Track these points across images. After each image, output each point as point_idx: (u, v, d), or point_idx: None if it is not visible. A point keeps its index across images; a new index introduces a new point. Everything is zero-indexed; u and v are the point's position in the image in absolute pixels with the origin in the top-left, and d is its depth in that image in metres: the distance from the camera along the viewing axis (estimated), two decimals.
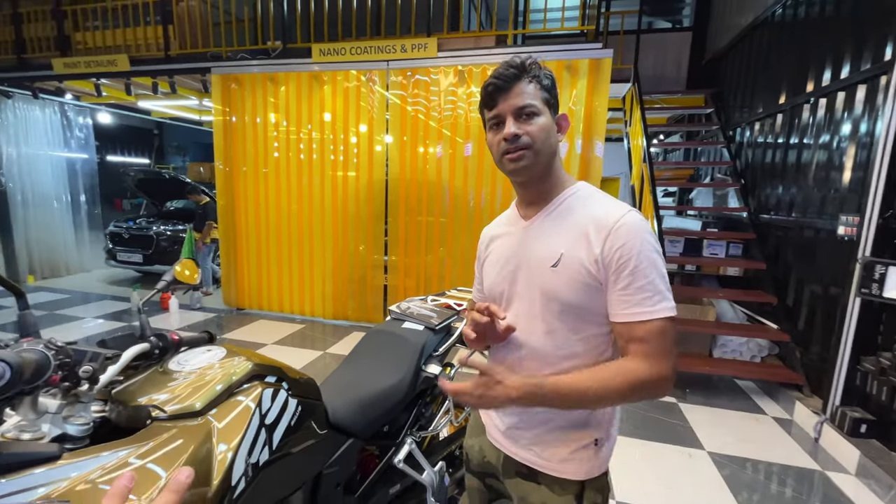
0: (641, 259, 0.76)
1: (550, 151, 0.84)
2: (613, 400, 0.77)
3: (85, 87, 5.69)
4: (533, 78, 0.82)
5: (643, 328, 0.76)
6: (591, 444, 0.87)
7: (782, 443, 2.63)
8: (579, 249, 0.80)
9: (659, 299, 0.76)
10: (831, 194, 2.91)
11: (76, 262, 6.78)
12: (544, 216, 0.88)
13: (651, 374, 0.75)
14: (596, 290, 0.80)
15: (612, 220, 0.79)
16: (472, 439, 1.07)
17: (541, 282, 0.84)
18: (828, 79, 3.03)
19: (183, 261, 1.27)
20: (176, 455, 0.75)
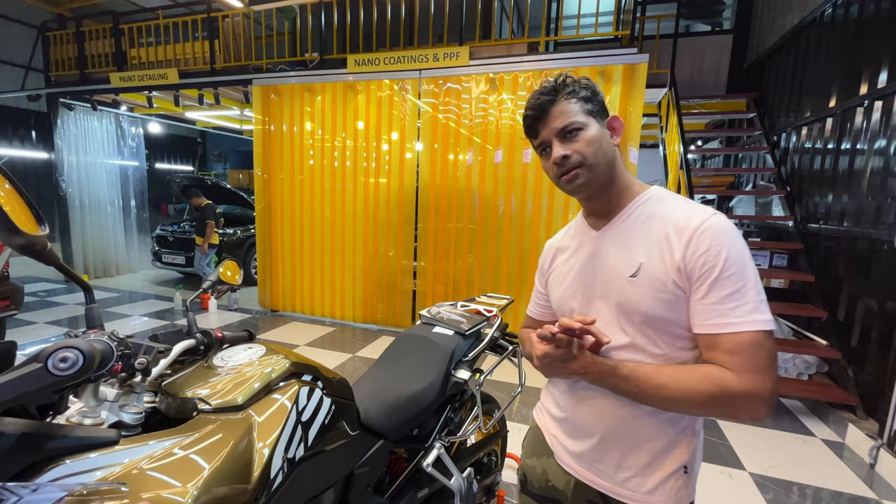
0: (729, 265, 0.69)
1: (606, 161, 0.80)
2: (692, 405, 0.71)
3: (138, 99, 6.08)
4: (569, 95, 0.80)
5: (731, 340, 0.68)
6: (680, 470, 0.80)
7: (833, 467, 2.46)
8: (660, 258, 0.75)
9: (749, 309, 0.69)
10: (888, 203, 2.73)
11: (125, 262, 7.21)
12: (618, 224, 0.84)
13: (742, 389, 0.67)
14: (681, 301, 0.74)
15: (695, 223, 0.73)
16: (533, 460, 1.00)
17: (618, 294, 0.79)
18: (884, 80, 2.85)
19: (227, 262, 1.34)
20: (219, 447, 0.78)
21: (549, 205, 3.93)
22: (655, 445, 0.80)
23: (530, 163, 3.95)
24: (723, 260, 0.70)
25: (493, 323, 1.68)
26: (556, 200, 3.90)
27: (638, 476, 0.81)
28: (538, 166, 3.92)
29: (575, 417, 0.89)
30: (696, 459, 0.83)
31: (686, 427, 0.80)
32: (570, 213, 3.88)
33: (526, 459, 1.03)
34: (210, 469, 0.75)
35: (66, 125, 6.30)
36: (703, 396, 0.69)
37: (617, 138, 0.83)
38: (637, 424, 0.80)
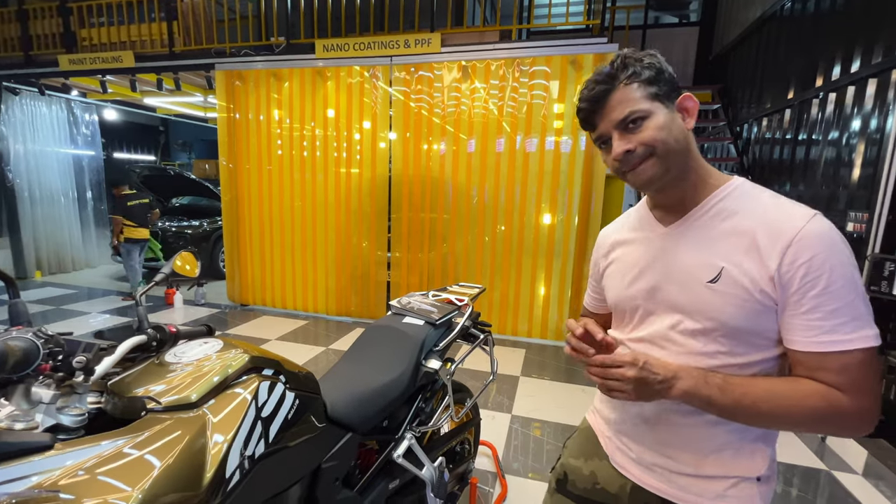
0: (835, 277, 0.62)
1: (679, 149, 0.70)
2: (795, 422, 0.65)
3: (91, 83, 5.72)
4: (630, 78, 0.69)
5: (838, 360, 0.63)
6: (752, 479, 0.74)
7: (788, 442, 2.59)
8: (748, 263, 0.67)
9: (858, 325, 0.62)
10: (840, 191, 2.87)
11: (82, 257, 6.85)
12: (693, 220, 0.74)
13: (853, 408, 0.62)
14: (769, 312, 0.67)
15: (794, 227, 0.64)
16: (581, 461, 0.93)
17: (693, 300, 0.71)
18: (837, 73, 2.98)
19: (182, 254, 1.27)
20: (170, 446, 0.74)
21: (521, 194, 3.95)
22: (721, 453, 0.74)
23: (503, 152, 3.94)
24: (828, 270, 0.62)
25: (465, 312, 1.67)
26: (529, 189, 3.92)
27: (702, 483, 0.75)
28: (511, 156, 3.93)
29: (628, 420, 0.84)
30: (773, 472, 0.76)
31: (756, 437, 0.74)
32: (544, 203, 3.91)
33: (571, 459, 0.96)
34: (159, 470, 0.71)
35: (10, 111, 5.87)
36: (809, 414, 0.64)
37: (691, 121, 0.72)
38: (701, 434, 0.75)
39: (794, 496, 2.16)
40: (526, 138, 3.87)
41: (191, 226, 6.10)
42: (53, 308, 4.78)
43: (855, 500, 2.12)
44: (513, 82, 3.84)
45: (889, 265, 2.23)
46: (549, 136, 3.81)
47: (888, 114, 2.43)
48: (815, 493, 2.18)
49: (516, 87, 3.84)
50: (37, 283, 5.88)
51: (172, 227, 6.01)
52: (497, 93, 3.90)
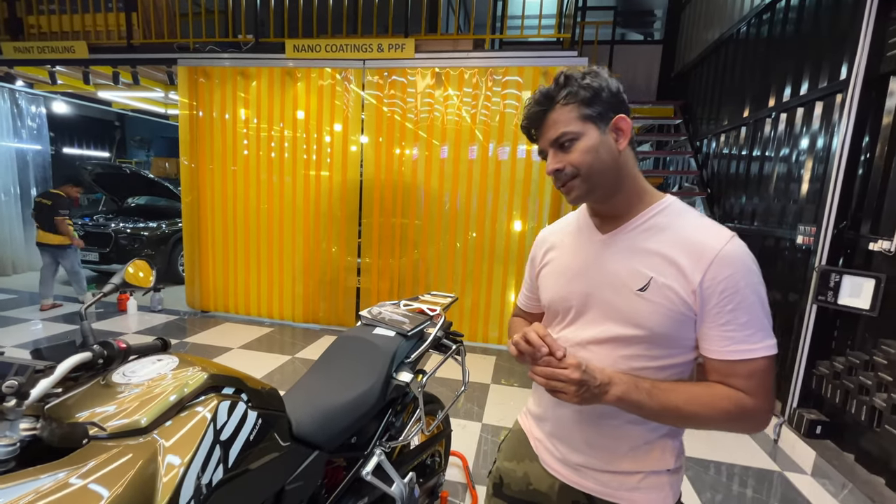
0: (748, 293, 0.70)
1: (606, 169, 0.75)
2: (710, 421, 0.72)
3: (38, 73, 5.34)
4: (566, 98, 0.74)
5: (747, 367, 0.71)
6: (662, 471, 0.82)
7: (743, 445, 2.71)
8: (673, 276, 0.73)
9: (763, 336, 0.71)
10: (791, 205, 3.04)
11: (24, 259, 6.35)
12: (627, 231, 0.80)
13: (756, 408, 0.71)
14: (688, 321, 0.74)
15: (714, 247, 0.71)
16: (514, 463, 0.98)
17: (624, 306, 0.77)
18: (788, 95, 3.17)
19: (135, 261, 1.19)
20: (116, 477, 0.68)
21: (493, 201, 3.98)
22: (636, 450, 0.81)
23: (475, 159, 3.96)
24: (742, 287, 0.70)
25: (437, 322, 1.65)
26: (501, 197, 3.96)
27: (621, 476, 0.82)
28: (483, 163, 3.95)
29: (556, 421, 0.89)
30: (680, 460, 0.84)
31: (666, 434, 0.82)
32: (515, 210, 3.95)
33: (505, 462, 1.00)
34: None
35: None
36: (722, 415, 0.71)
37: (623, 142, 0.76)
38: (620, 432, 0.81)
39: (750, 497, 2.25)
40: (498, 146, 3.90)
41: (147, 227, 5.79)
42: None
43: (805, 499, 2.23)
44: (486, 91, 3.87)
45: (834, 276, 2.37)
46: (521, 145, 3.86)
47: (833, 134, 2.60)
48: (769, 494, 2.28)
49: (489, 96, 3.87)
50: None
51: (127, 229, 5.67)
52: (470, 100, 3.92)
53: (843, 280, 2.34)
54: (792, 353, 2.67)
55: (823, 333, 2.56)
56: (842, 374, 2.38)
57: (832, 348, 2.55)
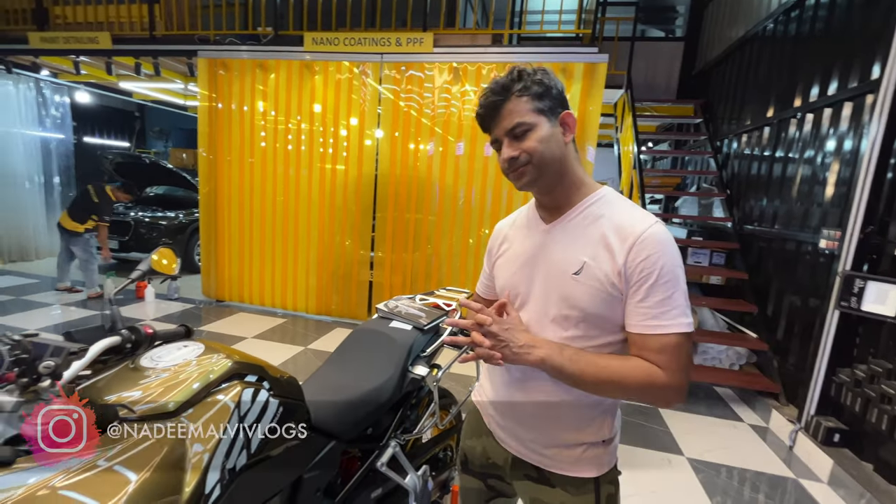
0: (664, 273, 0.76)
1: (555, 159, 0.82)
2: (625, 390, 0.78)
3: (63, 63, 5.45)
4: (521, 91, 0.80)
5: (658, 341, 0.76)
6: (599, 443, 0.89)
7: (758, 450, 2.67)
8: (603, 259, 0.79)
9: (677, 314, 0.76)
10: (814, 208, 2.97)
11: (47, 246, 6.51)
12: (566, 221, 0.87)
13: (666, 382, 0.76)
14: (617, 301, 0.80)
15: (637, 231, 0.78)
16: (473, 440, 1.05)
17: (561, 289, 0.83)
18: (815, 95, 3.09)
19: (160, 249, 1.21)
20: (146, 459, 0.69)
21: (508, 198, 3.96)
22: (577, 423, 0.88)
23: (491, 156, 3.94)
24: (659, 268, 0.76)
25: (453, 317, 1.65)
26: (516, 195, 3.93)
27: (563, 450, 0.89)
28: None
29: (506, 398, 0.95)
30: (615, 432, 0.92)
31: (605, 409, 0.89)
32: None
33: (466, 440, 1.07)
34: (133, 486, 0.66)
35: None
36: (634, 385, 0.77)
37: (570, 135, 0.84)
38: (564, 406, 0.88)
39: (762, 502, 2.22)
40: None
41: (165, 217, 5.89)
42: (13, 298, 4.53)
43: None
44: None
45: (858, 282, 2.31)
46: None
47: (862, 136, 2.53)
48: (783, 501, 2.25)
49: None
50: None
51: (146, 218, 5.78)
52: None
53: (868, 286, 2.28)
54: (811, 359, 2.62)
55: (845, 340, 2.50)
56: (863, 382, 2.33)
57: (854, 356, 2.49)
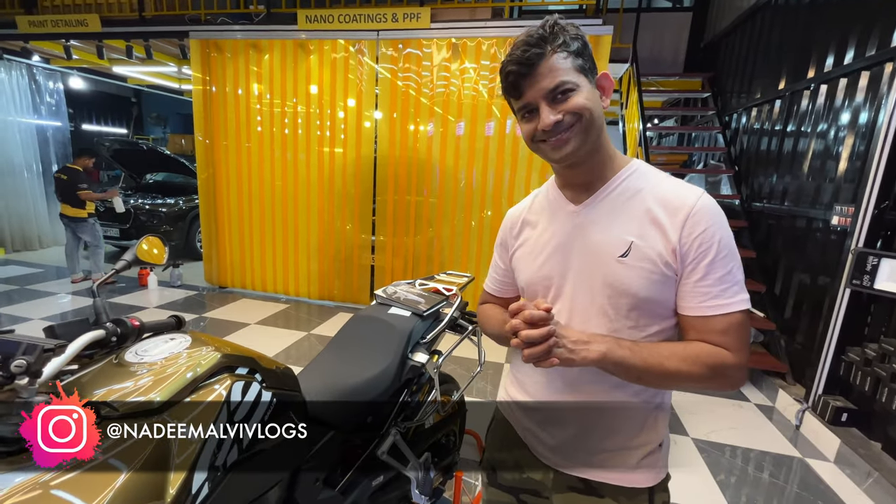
0: (722, 247, 0.69)
1: (598, 123, 0.72)
2: (692, 379, 0.70)
3: (54, 48, 5.32)
4: (560, 47, 0.68)
5: (723, 321, 0.69)
6: (656, 446, 0.81)
7: (764, 430, 2.66)
8: (653, 237, 0.71)
9: (738, 290, 0.70)
10: (826, 184, 2.88)
11: (49, 234, 6.52)
12: (601, 198, 0.77)
13: (734, 364, 0.69)
14: (671, 282, 0.72)
15: (688, 203, 0.70)
16: (504, 453, 0.94)
17: (606, 274, 0.74)
18: (830, 64, 2.96)
19: (148, 237, 1.17)
20: (128, 458, 0.67)
21: (510, 179, 3.88)
22: (633, 426, 0.79)
23: (493, 136, 3.84)
24: (717, 241, 0.69)
25: (453, 302, 1.61)
26: (518, 175, 3.85)
27: (617, 457, 0.80)
28: (500, 140, 3.83)
29: (550, 406, 0.85)
30: (667, 433, 0.84)
31: (659, 405, 0.80)
32: (532, 187, 3.84)
33: (494, 453, 0.97)
34: (116, 486, 0.63)
35: None
36: (703, 372, 0.69)
37: (606, 100, 0.74)
38: (614, 407, 0.79)
39: (767, 482, 2.21)
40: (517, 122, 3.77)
41: (165, 203, 5.85)
42: (18, 288, 4.55)
43: (826, 485, 2.19)
44: None
45: (872, 259, 2.25)
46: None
47: (880, 107, 2.42)
48: (788, 479, 2.24)
49: None
50: (0, 261, 5.58)
51: (146, 205, 5.75)
52: (488, 73, 3.77)
53: (882, 263, 2.21)
54: (820, 338, 2.57)
55: (855, 319, 2.45)
56: (873, 361, 2.28)
57: (864, 335, 2.45)
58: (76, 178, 4.57)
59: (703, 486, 2.14)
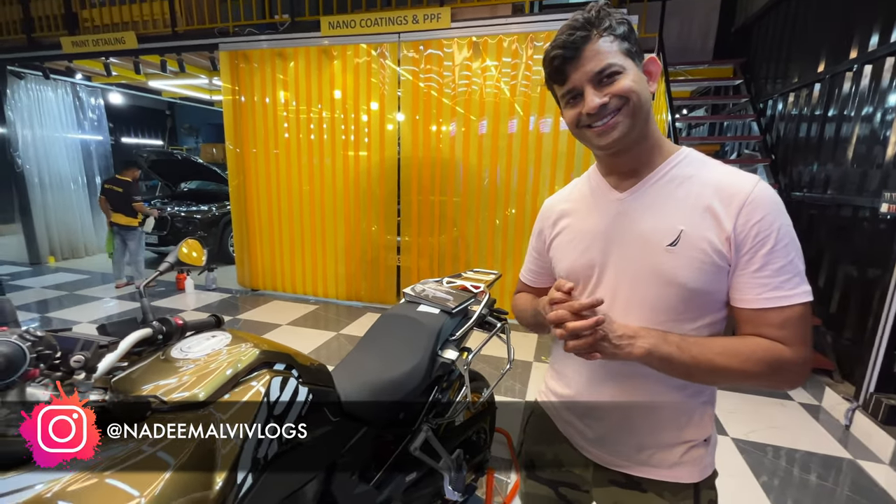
0: (782, 236, 0.65)
1: (646, 107, 0.70)
2: (746, 376, 0.66)
3: (95, 66, 5.65)
4: (605, 30, 0.67)
5: (782, 314, 0.66)
6: (701, 442, 0.78)
7: (810, 429, 2.53)
8: (705, 225, 0.68)
9: (798, 281, 0.66)
10: (873, 170, 2.72)
11: (94, 243, 6.89)
12: (648, 185, 0.74)
13: (794, 360, 0.66)
14: (723, 273, 0.69)
15: (745, 190, 0.67)
16: (543, 446, 0.94)
17: (653, 263, 0.71)
18: (875, 43, 2.79)
19: (188, 241, 1.21)
20: (177, 450, 0.70)
21: (535, 176, 3.84)
22: (678, 420, 0.77)
23: (516, 133, 3.82)
24: (776, 229, 0.65)
25: (481, 299, 1.61)
26: (543, 171, 3.80)
27: (661, 452, 0.78)
28: (524, 137, 3.80)
29: (589, 400, 0.83)
30: (713, 429, 0.81)
31: (706, 400, 0.78)
32: (557, 184, 3.79)
33: (532, 446, 0.96)
34: (166, 476, 0.66)
35: (17, 95, 5.83)
36: (758, 368, 0.66)
37: (654, 85, 0.72)
38: (659, 401, 0.76)
39: (815, 484, 2.10)
40: (540, 119, 3.73)
41: (199, 210, 6.09)
42: (67, 294, 4.83)
43: (881, 489, 2.06)
44: (527, 60, 3.68)
45: None
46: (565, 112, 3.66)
47: None
48: (838, 482, 2.12)
49: (530, 65, 3.68)
50: (50, 269, 5.94)
51: (181, 212, 5.99)
52: (510, 71, 3.75)
53: None
54: (870, 333, 2.43)
55: None
56: None
57: None
58: (131, 189, 4.84)
59: (746, 489, 2.05)
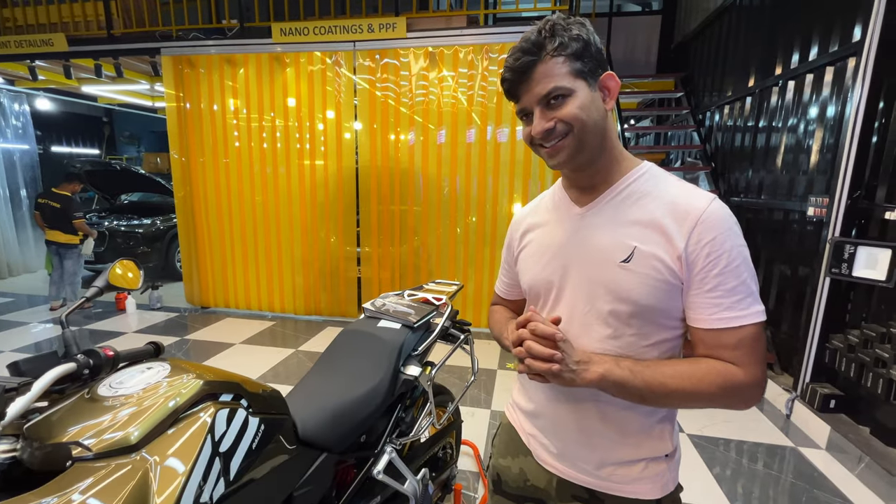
0: (734, 256, 0.65)
1: (597, 129, 0.70)
2: (698, 399, 0.67)
3: (18, 69, 5.16)
4: (556, 49, 0.66)
5: (735, 335, 0.66)
6: (662, 458, 0.78)
7: (756, 421, 2.69)
8: (657, 243, 0.68)
9: (751, 301, 0.66)
10: (800, 176, 2.96)
11: (19, 262, 6.26)
12: (606, 201, 0.75)
13: (747, 381, 0.66)
14: (675, 291, 0.69)
15: (697, 209, 0.67)
16: (508, 460, 0.93)
17: (607, 279, 0.72)
18: (796, 61, 3.06)
19: (121, 261, 1.11)
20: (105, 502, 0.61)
21: (494, 184, 3.88)
22: (635, 437, 0.77)
23: (474, 142, 3.85)
24: (728, 250, 0.65)
25: (443, 311, 1.59)
26: (501, 180, 3.86)
27: (621, 468, 0.77)
28: (482, 146, 3.84)
29: (551, 415, 0.83)
30: (677, 446, 0.81)
31: (663, 417, 0.78)
32: (516, 194, 3.86)
33: (499, 459, 0.95)
34: None
35: None
36: (710, 391, 0.66)
37: (611, 101, 0.71)
38: (618, 418, 0.76)
39: (762, 472, 2.22)
40: (497, 128, 3.79)
41: (142, 224, 5.69)
42: None
43: (820, 473, 2.21)
44: (483, 70, 3.74)
45: (849, 248, 2.30)
46: (521, 126, 3.74)
47: (846, 100, 2.50)
48: (782, 469, 2.26)
49: (486, 76, 3.74)
50: None
51: (122, 227, 5.57)
52: (466, 81, 3.79)
53: (858, 251, 2.27)
54: (804, 327, 2.62)
55: (836, 307, 2.51)
56: (856, 347, 2.33)
57: (846, 321, 2.50)
58: (70, 205, 4.43)
59: (700, 481, 2.14)
